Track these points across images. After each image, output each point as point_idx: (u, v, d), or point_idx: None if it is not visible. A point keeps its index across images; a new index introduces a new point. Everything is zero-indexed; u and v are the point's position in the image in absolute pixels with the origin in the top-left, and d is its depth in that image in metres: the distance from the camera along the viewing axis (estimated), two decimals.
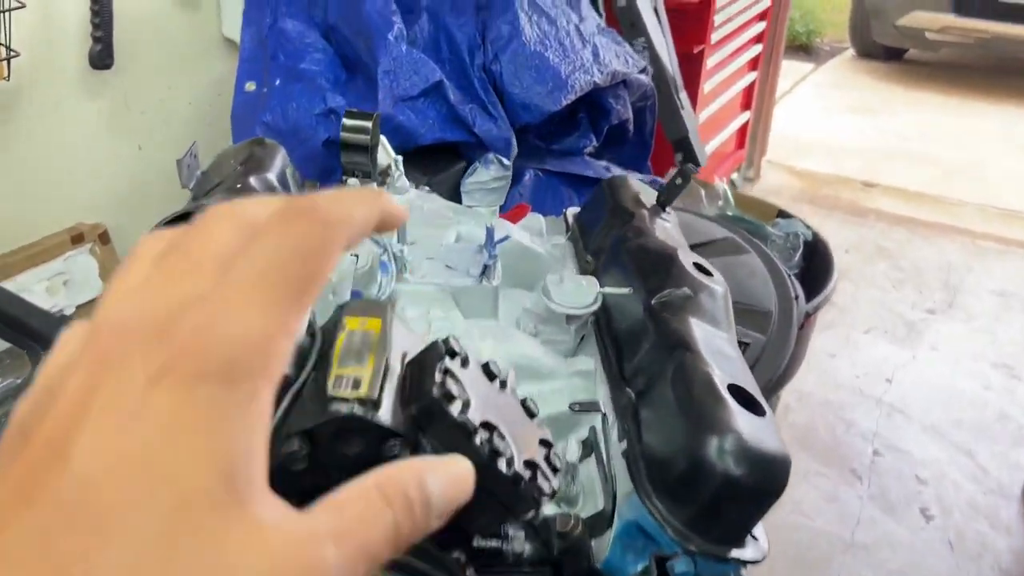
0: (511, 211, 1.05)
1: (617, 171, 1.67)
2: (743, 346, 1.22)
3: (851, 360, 2.53)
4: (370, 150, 0.93)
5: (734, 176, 3.23)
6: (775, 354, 1.29)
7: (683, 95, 2.35)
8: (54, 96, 1.43)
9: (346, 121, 0.91)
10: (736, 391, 0.67)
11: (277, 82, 1.39)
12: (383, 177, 0.96)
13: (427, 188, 1.06)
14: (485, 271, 0.78)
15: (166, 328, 0.22)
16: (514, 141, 1.41)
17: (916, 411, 2.34)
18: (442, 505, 0.26)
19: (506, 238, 0.80)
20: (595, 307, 0.77)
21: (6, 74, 1.24)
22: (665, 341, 0.72)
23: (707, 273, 0.81)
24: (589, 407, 0.67)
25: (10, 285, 1.34)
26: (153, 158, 1.67)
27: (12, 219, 1.43)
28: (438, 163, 1.47)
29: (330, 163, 1.37)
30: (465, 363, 0.46)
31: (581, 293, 0.77)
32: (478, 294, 0.78)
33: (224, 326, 0.22)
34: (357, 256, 0.82)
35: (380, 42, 1.34)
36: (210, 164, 0.95)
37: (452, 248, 0.82)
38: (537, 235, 1.00)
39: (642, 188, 1.00)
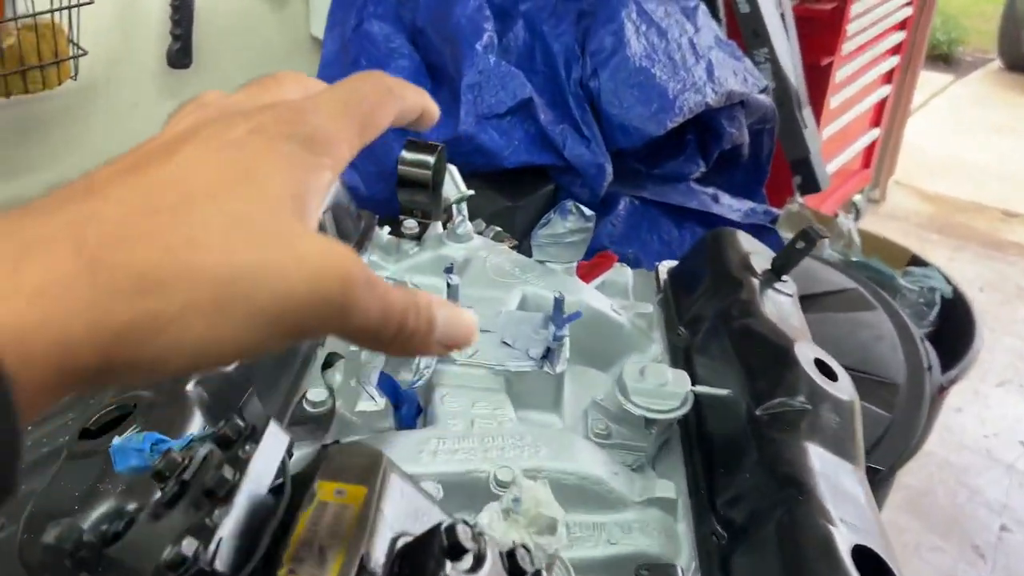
0: (594, 259, 0.90)
1: (726, 200, 1.49)
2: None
3: (980, 417, 2.25)
4: (433, 187, 0.80)
5: (856, 198, 2.96)
6: (900, 436, 1.10)
7: (806, 112, 2.14)
8: (129, 96, 1.37)
9: (405, 154, 0.78)
10: (862, 557, 0.50)
11: None
12: (447, 216, 0.83)
13: (497, 229, 0.92)
14: (548, 355, 0.64)
15: (263, 108, 0.30)
16: (609, 168, 1.25)
17: None
18: (444, 331, 0.32)
19: (577, 315, 0.65)
20: (683, 411, 0.62)
21: (73, 73, 1.18)
22: (771, 472, 0.56)
23: (831, 376, 0.64)
24: (663, 573, 0.52)
25: None
26: None
27: None
28: (524, 185, 1.34)
29: None
30: (479, 563, 0.33)
31: (666, 391, 0.62)
32: (537, 382, 0.64)
33: (310, 115, 0.30)
34: None
35: (467, 52, 1.21)
36: None
37: (512, 319, 0.68)
38: (621, 294, 0.85)
39: (754, 247, 0.83)
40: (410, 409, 0.61)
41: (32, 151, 1.26)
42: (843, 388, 0.64)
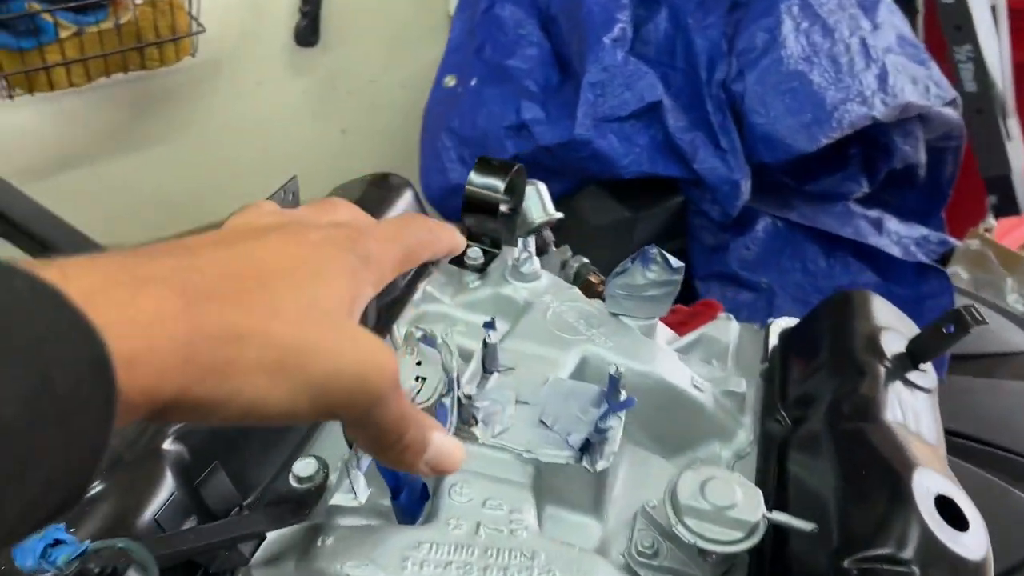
0: (696, 307, 0.76)
1: (893, 226, 1.27)
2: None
3: None
4: (504, 214, 0.70)
5: None
6: None
7: (1012, 122, 1.82)
8: (254, 73, 1.35)
9: (473, 175, 0.68)
10: None
11: (473, 81, 1.18)
12: (534, 240, 0.71)
13: (584, 261, 0.80)
14: (587, 447, 0.52)
15: (333, 224, 0.37)
16: (745, 185, 1.09)
17: None
18: (433, 455, 0.37)
19: (630, 403, 0.53)
20: (748, 544, 0.49)
21: (193, 50, 1.16)
22: None
23: (959, 523, 0.48)
24: None
25: None
26: (356, 144, 1.56)
27: (202, 198, 1.38)
28: (648, 194, 1.20)
29: None
30: None
31: (730, 517, 0.48)
32: (574, 478, 0.52)
33: (370, 240, 0.36)
34: (423, 380, 0.59)
35: (593, 45, 1.08)
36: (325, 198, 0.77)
37: (558, 391, 0.56)
38: (718, 357, 0.71)
39: (891, 319, 0.66)
40: (411, 496, 0.51)
41: (151, 126, 1.27)
42: (972, 542, 0.48)
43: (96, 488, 0.45)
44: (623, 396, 0.54)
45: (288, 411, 0.29)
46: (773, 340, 0.72)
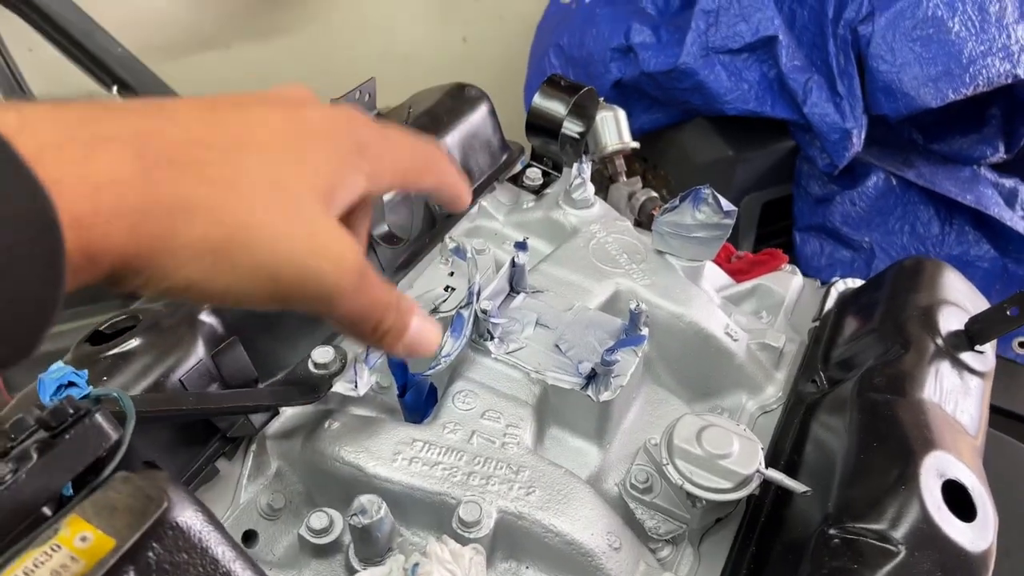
0: (761, 255, 0.73)
1: None
2: None
3: None
4: (567, 139, 0.69)
5: None
6: None
7: None
8: None
9: (538, 96, 0.67)
10: None
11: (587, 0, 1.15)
12: (589, 166, 0.70)
13: (651, 195, 0.78)
14: (593, 378, 0.52)
15: (346, 107, 0.34)
16: (858, 136, 1.02)
17: None
18: (411, 339, 0.36)
19: (639, 340, 0.52)
20: (738, 495, 0.48)
21: None
22: None
23: (966, 512, 0.46)
24: None
25: None
26: (477, 54, 1.55)
27: (318, 92, 1.42)
28: (756, 134, 1.14)
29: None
30: None
31: (723, 467, 0.48)
32: (579, 404, 0.53)
33: (378, 134, 0.34)
34: (452, 290, 0.60)
35: None
36: (402, 103, 0.79)
37: (580, 320, 0.56)
38: (771, 309, 0.68)
39: (961, 295, 0.62)
40: (417, 397, 0.53)
41: (280, 17, 1.31)
42: (974, 533, 0.45)
43: (131, 344, 0.49)
44: (642, 332, 0.54)
45: (235, 294, 0.28)
46: (833, 301, 0.69)
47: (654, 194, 0.78)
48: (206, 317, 0.53)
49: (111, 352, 0.47)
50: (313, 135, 0.31)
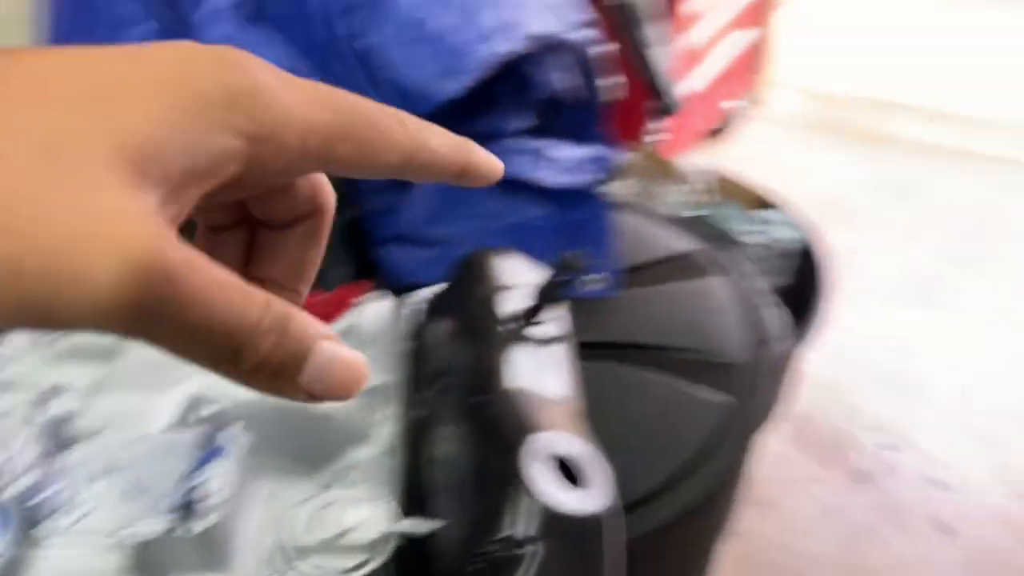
0: (338, 292, 0.72)
1: (555, 152, 1.31)
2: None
3: (860, 331, 2.20)
4: None
5: (735, 105, 2.81)
6: (740, 425, 0.97)
7: (652, 27, 1.95)
8: None
9: None
10: None
11: None
12: None
13: None
14: (187, 508, 0.46)
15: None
16: None
17: (937, 395, 2.02)
18: (313, 384, 0.22)
19: (218, 452, 0.47)
20: (375, 564, 0.46)
21: None
22: None
23: (577, 479, 0.48)
24: None
25: None
26: None
27: None
28: None
29: None
30: None
31: (348, 543, 0.45)
32: (175, 547, 0.46)
33: (271, 75, 0.23)
34: None
35: (198, 23, 0.98)
36: None
37: (151, 447, 0.50)
38: (366, 346, 0.67)
39: (515, 275, 0.66)
40: None
41: None
42: (587, 495, 0.48)
43: None
44: (223, 438, 0.49)
45: None
46: (422, 312, 0.70)
47: None
48: None
49: None
50: (146, 83, 0.21)
